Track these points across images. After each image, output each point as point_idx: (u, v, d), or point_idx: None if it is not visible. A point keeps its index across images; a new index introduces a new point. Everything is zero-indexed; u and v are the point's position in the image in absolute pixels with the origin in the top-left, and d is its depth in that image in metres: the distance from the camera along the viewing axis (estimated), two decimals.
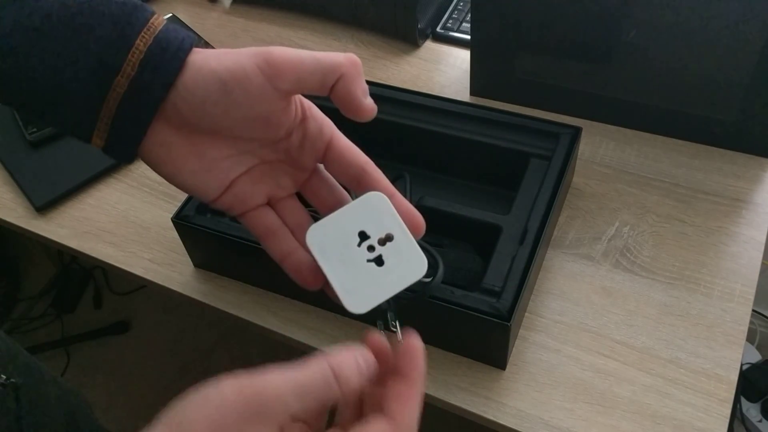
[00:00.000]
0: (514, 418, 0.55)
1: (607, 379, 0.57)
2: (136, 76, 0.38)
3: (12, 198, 0.76)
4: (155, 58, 0.38)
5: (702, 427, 0.53)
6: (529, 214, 0.59)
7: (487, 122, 0.67)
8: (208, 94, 0.38)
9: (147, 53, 0.38)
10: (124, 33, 0.38)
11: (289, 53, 0.39)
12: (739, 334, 0.58)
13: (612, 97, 0.72)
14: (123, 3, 0.39)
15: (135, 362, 1.50)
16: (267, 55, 0.38)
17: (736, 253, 0.63)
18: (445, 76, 0.83)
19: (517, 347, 0.59)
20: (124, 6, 0.39)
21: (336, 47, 0.89)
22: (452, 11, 0.90)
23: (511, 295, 0.54)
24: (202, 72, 0.38)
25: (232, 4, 0.98)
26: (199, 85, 0.38)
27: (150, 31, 0.39)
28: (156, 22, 0.40)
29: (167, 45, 0.39)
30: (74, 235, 0.72)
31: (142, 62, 0.38)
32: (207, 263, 0.67)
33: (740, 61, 0.63)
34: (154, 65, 0.38)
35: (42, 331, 1.58)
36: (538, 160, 0.64)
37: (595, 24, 0.67)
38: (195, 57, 0.39)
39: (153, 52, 0.38)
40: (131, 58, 0.38)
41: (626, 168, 0.71)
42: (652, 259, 0.63)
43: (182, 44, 0.39)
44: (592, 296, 0.62)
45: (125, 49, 0.38)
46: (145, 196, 0.75)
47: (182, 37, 0.39)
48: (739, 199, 0.67)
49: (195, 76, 0.38)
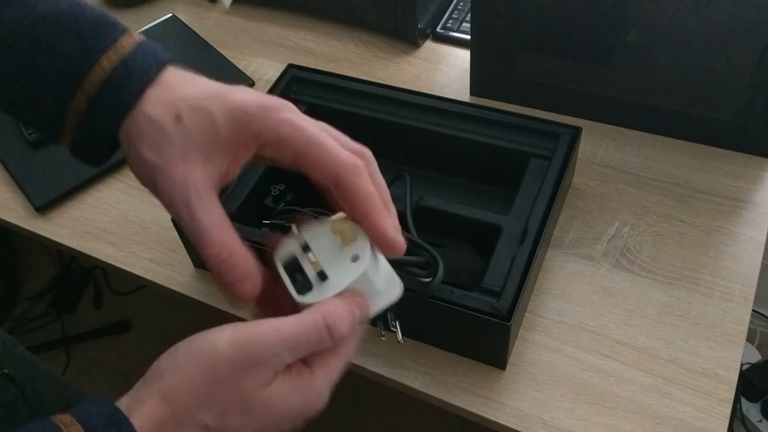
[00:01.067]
0: (514, 418, 0.55)
1: (607, 379, 0.57)
2: (97, 94, 0.38)
3: (12, 198, 0.76)
4: (119, 78, 0.38)
5: (702, 427, 0.53)
6: (529, 214, 0.59)
7: (487, 122, 0.67)
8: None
9: (111, 73, 0.38)
10: (90, 50, 0.38)
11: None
12: (739, 334, 0.58)
13: (612, 97, 0.72)
14: (94, 20, 0.39)
15: (135, 362, 1.50)
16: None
17: (736, 253, 0.63)
18: (445, 76, 0.83)
19: (517, 347, 0.59)
20: (94, 23, 0.39)
21: (336, 47, 0.89)
22: (452, 11, 0.90)
23: (511, 295, 0.54)
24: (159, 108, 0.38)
25: (232, 4, 0.98)
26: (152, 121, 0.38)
27: (117, 50, 0.38)
28: (125, 41, 0.39)
29: (133, 66, 0.38)
30: (74, 235, 0.72)
31: (105, 82, 0.37)
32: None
33: (740, 61, 0.63)
34: (117, 85, 0.38)
35: (42, 331, 1.58)
36: (538, 160, 0.64)
37: (595, 24, 0.67)
38: (159, 90, 0.38)
39: (117, 72, 0.38)
40: (92, 76, 0.38)
41: (626, 168, 0.71)
42: (652, 259, 0.63)
43: (148, 69, 0.38)
44: (592, 296, 0.62)
45: (88, 66, 0.38)
46: (145, 196, 0.75)
47: (150, 61, 0.38)
48: (739, 199, 0.67)
49: (151, 110, 0.38)
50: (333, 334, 0.35)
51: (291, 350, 0.34)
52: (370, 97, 0.70)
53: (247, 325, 0.34)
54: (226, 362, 0.33)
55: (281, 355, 0.34)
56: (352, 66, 0.86)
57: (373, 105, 0.70)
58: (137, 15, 0.96)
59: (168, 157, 0.36)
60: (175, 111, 0.37)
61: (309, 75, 0.73)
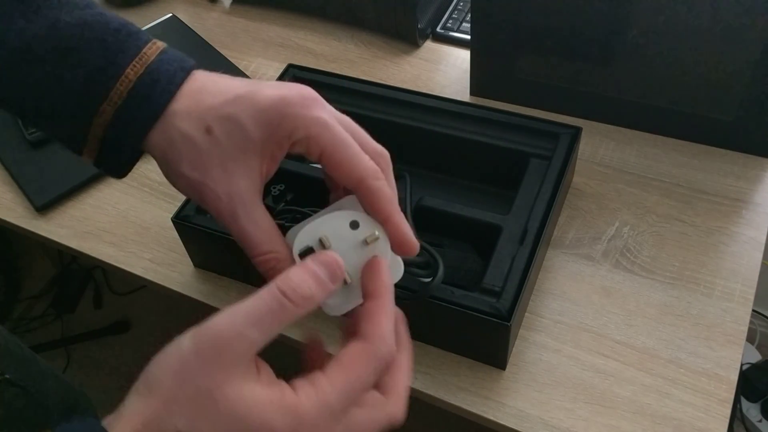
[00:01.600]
0: (514, 418, 0.55)
1: (607, 379, 0.57)
2: (123, 104, 0.38)
3: (12, 198, 0.76)
4: (145, 88, 0.38)
5: (702, 427, 0.53)
6: (529, 214, 0.59)
7: (487, 122, 0.67)
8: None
9: (137, 82, 0.38)
10: (115, 61, 0.38)
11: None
12: (739, 334, 0.58)
13: (612, 97, 0.72)
14: (117, 30, 0.39)
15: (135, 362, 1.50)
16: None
17: (736, 253, 0.63)
18: (445, 76, 0.83)
19: (517, 347, 0.59)
20: (118, 33, 0.39)
21: (336, 47, 0.89)
22: (452, 11, 0.90)
23: (511, 295, 0.54)
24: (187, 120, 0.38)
25: (232, 4, 0.98)
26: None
27: (142, 60, 0.38)
28: (149, 51, 0.39)
29: (158, 76, 0.38)
30: (74, 235, 0.72)
31: (131, 92, 0.38)
32: (207, 263, 0.67)
33: (740, 61, 0.63)
34: (144, 95, 0.38)
35: (42, 331, 1.58)
36: (538, 160, 0.64)
37: (595, 24, 0.67)
38: (185, 99, 0.38)
39: (144, 82, 0.38)
40: (119, 86, 0.38)
41: (626, 168, 0.71)
42: (652, 259, 0.63)
43: (174, 77, 0.38)
44: (592, 296, 0.62)
45: (114, 76, 0.38)
46: (145, 196, 0.75)
47: (174, 69, 0.39)
48: (739, 199, 0.67)
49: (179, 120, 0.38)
50: (291, 296, 0.33)
51: (255, 326, 0.32)
52: (370, 97, 0.70)
53: (207, 319, 0.33)
54: (191, 355, 0.31)
55: (245, 333, 0.32)
56: (352, 66, 0.86)
57: (373, 105, 0.70)
58: (137, 15, 0.96)
59: (209, 174, 0.37)
60: (205, 124, 0.37)
61: (309, 75, 0.73)
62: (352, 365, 0.33)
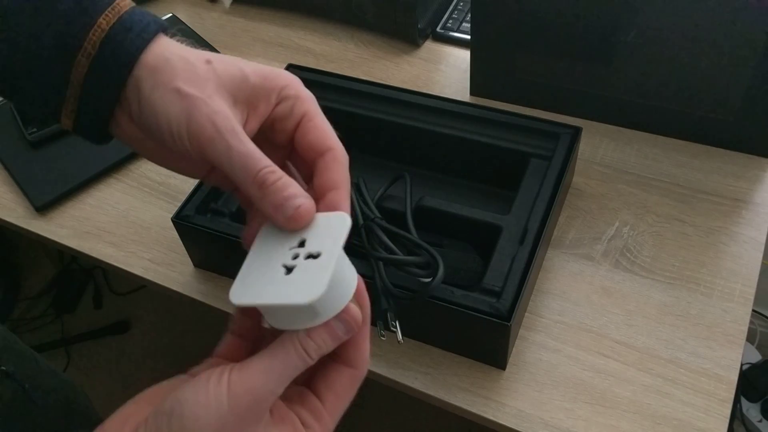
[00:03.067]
0: (514, 418, 0.55)
1: (607, 379, 0.57)
2: (97, 54, 0.37)
3: (12, 198, 0.76)
4: (117, 37, 0.37)
5: (702, 427, 0.53)
6: (529, 214, 0.59)
7: (487, 122, 0.67)
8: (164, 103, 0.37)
9: (109, 32, 0.37)
10: (87, 11, 0.37)
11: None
12: (739, 334, 0.58)
13: (612, 97, 0.72)
14: None
15: (135, 362, 1.50)
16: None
17: (736, 253, 0.63)
18: (445, 76, 0.83)
19: (517, 347, 0.59)
20: None
21: (336, 47, 0.89)
22: (452, 11, 0.90)
23: (511, 295, 0.54)
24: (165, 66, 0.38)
25: (232, 4, 0.98)
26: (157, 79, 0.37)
27: (115, 10, 0.38)
28: (122, 2, 0.39)
29: (131, 25, 0.38)
30: (74, 235, 0.72)
31: (104, 41, 0.37)
32: (207, 263, 0.67)
33: (740, 62, 0.63)
34: (116, 44, 0.37)
35: (42, 331, 1.58)
36: (538, 160, 0.64)
37: (595, 24, 0.67)
38: (157, 52, 0.38)
39: (116, 31, 0.37)
40: (92, 36, 0.37)
41: (626, 168, 0.71)
42: (652, 259, 0.63)
43: (147, 27, 0.38)
44: (592, 296, 0.62)
45: (87, 26, 0.37)
46: (145, 196, 0.75)
47: (148, 21, 0.39)
48: (739, 199, 0.67)
49: (156, 63, 0.38)
50: (313, 356, 0.35)
51: (284, 383, 0.35)
52: (370, 97, 0.70)
53: (241, 366, 0.34)
54: (230, 416, 0.33)
55: (276, 391, 0.35)
56: (352, 66, 0.86)
57: (373, 105, 0.70)
58: None
59: (206, 91, 0.37)
60: (204, 57, 0.38)
61: (309, 75, 0.73)
62: (345, 394, 0.37)
